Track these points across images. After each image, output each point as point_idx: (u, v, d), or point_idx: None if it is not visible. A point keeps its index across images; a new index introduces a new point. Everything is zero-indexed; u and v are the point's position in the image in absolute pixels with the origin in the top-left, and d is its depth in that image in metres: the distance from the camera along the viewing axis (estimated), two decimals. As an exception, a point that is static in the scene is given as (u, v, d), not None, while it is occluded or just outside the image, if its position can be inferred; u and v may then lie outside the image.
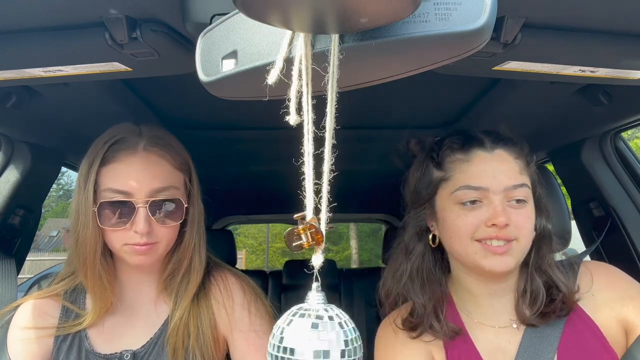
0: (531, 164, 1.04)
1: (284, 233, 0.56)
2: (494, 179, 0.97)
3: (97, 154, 1.03)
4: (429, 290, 1.05)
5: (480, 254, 0.97)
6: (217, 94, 0.63)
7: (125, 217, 1.00)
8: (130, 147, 1.03)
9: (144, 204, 1.00)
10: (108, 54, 0.81)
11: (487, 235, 0.96)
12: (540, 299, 1.00)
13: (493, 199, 0.96)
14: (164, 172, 1.05)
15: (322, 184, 0.53)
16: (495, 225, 0.94)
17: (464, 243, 0.98)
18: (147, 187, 1.01)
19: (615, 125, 1.41)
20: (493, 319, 1.05)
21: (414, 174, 1.10)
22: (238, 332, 1.11)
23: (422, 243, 1.08)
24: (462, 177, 0.99)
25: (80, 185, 1.02)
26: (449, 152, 1.03)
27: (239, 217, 4.27)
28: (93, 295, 1.07)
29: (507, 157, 1.00)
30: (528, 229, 0.98)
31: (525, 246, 0.99)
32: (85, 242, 1.01)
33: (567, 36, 0.78)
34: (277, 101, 0.56)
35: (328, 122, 0.52)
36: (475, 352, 1.02)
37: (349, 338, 0.52)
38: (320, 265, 0.55)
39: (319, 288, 0.55)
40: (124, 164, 1.02)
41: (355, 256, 17.39)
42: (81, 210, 1.01)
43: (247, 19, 0.47)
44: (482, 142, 1.01)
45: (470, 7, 0.48)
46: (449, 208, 1.01)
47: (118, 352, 1.07)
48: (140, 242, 1.01)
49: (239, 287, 1.15)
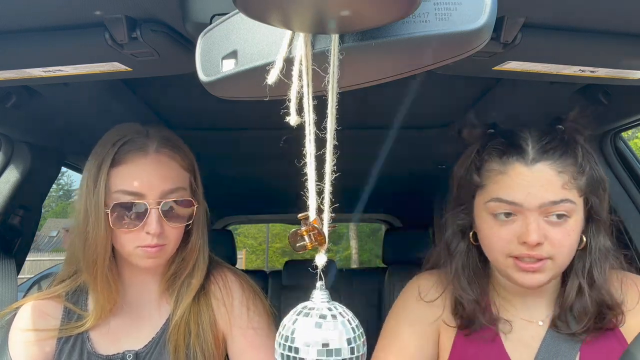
0: (587, 172, 0.95)
1: (288, 234, 0.56)
2: (527, 195, 0.91)
3: (106, 154, 1.02)
4: (478, 285, 1.04)
5: (512, 269, 0.95)
6: (217, 94, 0.63)
7: (138, 219, 1.00)
8: (141, 148, 1.03)
9: (156, 205, 1.01)
10: (108, 54, 0.81)
11: (519, 253, 0.92)
12: (589, 317, 0.96)
13: (527, 215, 0.91)
14: (173, 173, 1.05)
15: (324, 185, 0.53)
16: (526, 243, 0.91)
17: (497, 257, 0.97)
18: (158, 189, 1.01)
19: (615, 125, 1.41)
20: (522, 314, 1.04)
21: (458, 170, 1.06)
22: (237, 329, 1.12)
23: (464, 241, 1.06)
24: (495, 189, 0.95)
25: (89, 186, 1.02)
26: (488, 159, 0.98)
27: (239, 217, 4.27)
28: (99, 297, 1.07)
29: (548, 171, 0.92)
30: (567, 246, 0.93)
31: (562, 264, 0.95)
32: (96, 244, 1.01)
33: (567, 36, 0.78)
34: (277, 101, 0.56)
35: (329, 122, 0.52)
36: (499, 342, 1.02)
37: (355, 335, 0.53)
38: (324, 265, 0.55)
39: (324, 286, 0.55)
40: (135, 165, 1.02)
41: (355, 256, 17.39)
42: (91, 211, 1.01)
43: (247, 19, 0.47)
44: (524, 153, 0.93)
45: (470, 7, 0.48)
46: (483, 218, 0.98)
47: (120, 353, 1.07)
48: (151, 244, 1.01)
49: (238, 284, 1.16)
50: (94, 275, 1.04)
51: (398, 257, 2.78)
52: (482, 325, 1.01)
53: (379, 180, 2.51)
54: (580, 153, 0.95)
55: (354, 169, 2.10)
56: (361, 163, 2.03)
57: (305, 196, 0.54)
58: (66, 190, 29.31)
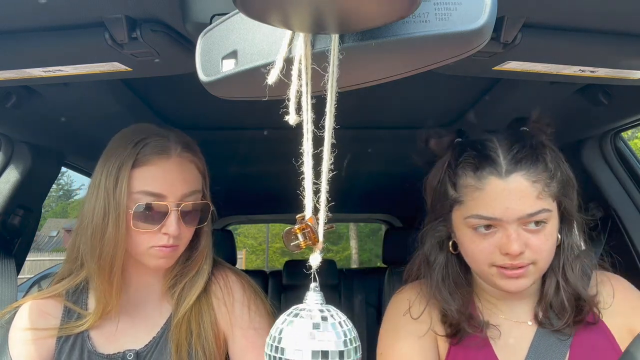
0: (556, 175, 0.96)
1: (282, 233, 0.55)
2: (506, 210, 0.92)
3: (127, 155, 1.02)
4: (460, 295, 1.04)
5: (497, 277, 0.96)
6: (217, 94, 0.63)
7: (157, 220, 1.02)
8: (164, 150, 1.04)
9: (175, 207, 1.02)
10: (108, 54, 0.81)
11: (502, 263, 0.94)
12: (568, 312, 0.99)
13: (507, 227, 0.93)
14: (192, 176, 1.08)
15: (321, 183, 0.53)
16: (509, 254, 0.92)
17: (480, 267, 0.98)
18: (179, 191, 1.03)
19: (615, 125, 1.41)
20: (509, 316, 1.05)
21: (431, 182, 1.06)
22: (238, 329, 1.12)
23: (443, 253, 1.07)
24: (473, 205, 0.95)
25: (108, 187, 1.02)
26: (462, 173, 0.97)
27: (239, 217, 4.27)
28: (102, 296, 1.06)
29: (522, 182, 0.92)
30: (546, 250, 0.95)
31: (544, 267, 0.97)
32: (115, 243, 1.01)
33: (567, 36, 0.78)
34: (277, 101, 0.56)
35: (327, 121, 0.52)
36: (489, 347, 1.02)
37: (348, 338, 0.52)
38: (318, 265, 0.54)
39: (317, 288, 0.54)
40: (158, 167, 1.03)
41: (355, 256, 17.39)
42: (111, 211, 1.01)
43: (247, 19, 0.47)
44: (497, 165, 0.93)
45: (470, 7, 0.48)
46: (463, 231, 0.99)
47: (121, 352, 1.07)
48: (167, 244, 1.03)
49: (239, 284, 1.16)
50: (102, 274, 1.04)
51: (398, 257, 2.77)
52: (469, 333, 1.02)
53: (379, 180, 2.51)
54: (548, 157, 0.96)
55: (354, 169, 2.11)
56: (361, 163, 2.03)
57: (303, 195, 0.53)
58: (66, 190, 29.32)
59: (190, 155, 1.08)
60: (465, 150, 0.99)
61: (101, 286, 1.05)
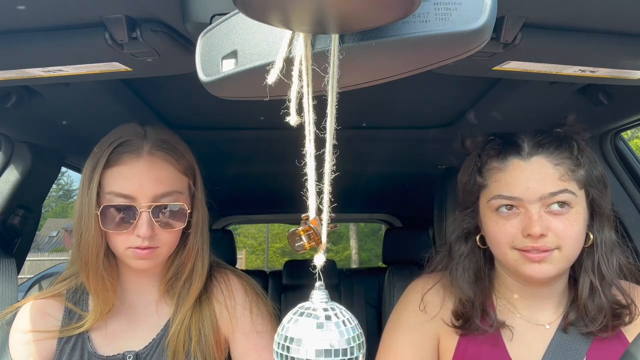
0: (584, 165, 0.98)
1: (287, 234, 0.56)
2: (527, 189, 0.93)
3: (101, 155, 1.02)
4: (478, 288, 1.05)
5: (520, 261, 0.95)
6: (217, 94, 0.63)
7: (128, 221, 1.00)
8: (135, 150, 1.02)
9: (147, 209, 1.00)
10: (108, 54, 0.81)
11: (524, 246, 0.94)
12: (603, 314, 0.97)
13: (529, 208, 0.93)
14: (168, 176, 1.04)
15: (324, 185, 0.53)
16: (530, 236, 0.92)
17: (504, 251, 0.97)
18: (150, 192, 1.00)
19: (615, 125, 1.41)
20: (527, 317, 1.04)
21: (462, 176, 1.08)
22: (239, 333, 1.11)
23: (467, 245, 1.07)
24: (496, 186, 0.98)
25: (84, 187, 1.02)
26: (487, 159, 1.01)
27: (239, 217, 4.27)
28: (95, 297, 1.07)
29: (545, 164, 0.95)
30: (572, 237, 0.94)
31: (569, 255, 0.95)
32: (87, 244, 1.01)
33: (567, 36, 0.78)
34: (277, 101, 0.56)
35: (329, 122, 0.52)
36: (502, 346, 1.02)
37: (352, 336, 0.52)
38: (322, 265, 0.55)
39: (323, 287, 0.55)
40: (128, 167, 1.01)
41: (355, 256, 17.39)
42: (84, 212, 1.01)
43: (247, 19, 0.47)
44: (520, 148, 0.97)
45: (470, 7, 0.48)
46: (488, 215, 1.00)
47: (121, 354, 1.07)
48: (142, 246, 1.00)
49: (241, 287, 1.16)
50: (87, 275, 1.04)
51: (398, 257, 2.78)
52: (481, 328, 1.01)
53: (379, 180, 2.51)
54: (575, 148, 0.98)
55: (355, 169, 2.11)
56: (361, 163, 2.03)
57: (305, 196, 0.53)
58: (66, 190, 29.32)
59: (163, 154, 1.04)
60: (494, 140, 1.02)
61: (89, 287, 1.05)
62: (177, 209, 1.04)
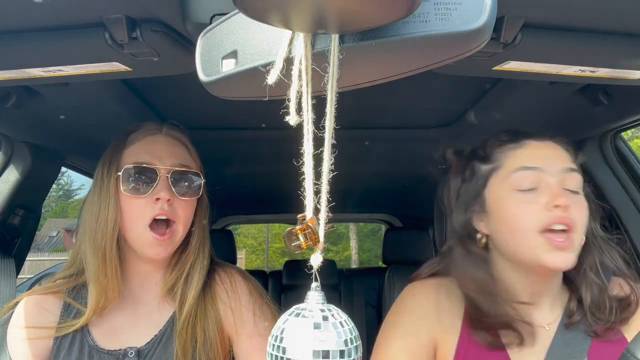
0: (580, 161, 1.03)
1: (284, 233, 0.55)
2: (548, 160, 0.96)
3: (119, 143, 1.09)
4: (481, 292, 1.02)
5: (543, 248, 0.92)
6: (217, 94, 0.63)
7: (148, 183, 1.04)
8: (152, 130, 1.11)
9: (166, 173, 1.05)
10: (108, 54, 0.81)
11: (550, 219, 0.91)
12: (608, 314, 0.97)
13: (550, 182, 0.94)
14: (183, 153, 1.12)
15: (322, 184, 0.53)
16: (558, 207, 0.91)
17: (527, 236, 0.94)
18: (169, 161, 1.07)
19: (615, 125, 1.41)
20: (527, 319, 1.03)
21: (454, 180, 1.08)
22: (243, 334, 1.12)
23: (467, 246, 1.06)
24: (515, 161, 0.98)
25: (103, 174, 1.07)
26: (498, 144, 1.03)
27: (239, 217, 4.27)
28: (98, 288, 1.06)
29: (556, 147, 1.00)
30: (583, 220, 0.95)
31: (581, 240, 0.95)
32: (107, 223, 1.03)
33: (567, 36, 0.78)
34: (277, 101, 0.56)
35: (328, 122, 0.52)
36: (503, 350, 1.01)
37: (348, 337, 0.52)
38: (319, 265, 0.55)
39: (318, 288, 0.54)
40: (146, 142, 1.09)
41: (355, 256, 17.39)
42: (104, 193, 1.05)
43: (247, 19, 0.47)
44: (531, 134, 1.02)
45: (470, 7, 0.48)
46: (506, 196, 0.97)
47: (122, 349, 1.07)
48: (163, 212, 1.03)
49: (246, 288, 1.16)
50: (103, 262, 1.04)
51: (398, 257, 2.78)
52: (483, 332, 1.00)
53: (379, 180, 2.51)
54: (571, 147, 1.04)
55: (355, 169, 2.11)
56: (361, 163, 2.03)
57: (304, 196, 0.53)
58: (66, 190, 29.32)
59: (179, 135, 1.13)
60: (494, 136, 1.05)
61: (98, 278, 1.05)
62: (193, 177, 1.11)
